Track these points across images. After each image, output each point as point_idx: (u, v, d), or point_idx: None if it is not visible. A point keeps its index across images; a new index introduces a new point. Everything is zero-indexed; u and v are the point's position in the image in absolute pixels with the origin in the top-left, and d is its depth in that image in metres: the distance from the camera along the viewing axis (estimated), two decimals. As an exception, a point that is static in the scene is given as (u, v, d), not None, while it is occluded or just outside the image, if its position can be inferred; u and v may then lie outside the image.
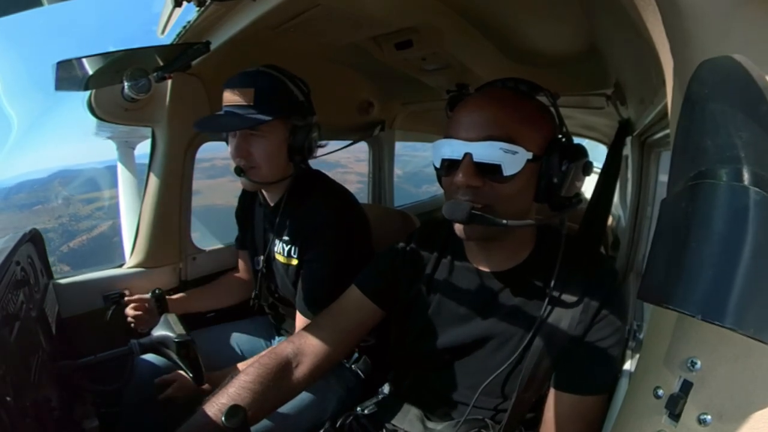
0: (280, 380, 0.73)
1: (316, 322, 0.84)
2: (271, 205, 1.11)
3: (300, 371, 0.76)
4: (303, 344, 0.78)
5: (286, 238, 1.08)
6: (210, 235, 1.45)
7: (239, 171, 0.99)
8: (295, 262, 1.07)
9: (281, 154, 1.01)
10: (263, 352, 0.76)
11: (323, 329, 0.81)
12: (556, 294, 0.68)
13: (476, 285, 0.75)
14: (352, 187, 1.15)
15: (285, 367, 0.75)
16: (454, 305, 0.77)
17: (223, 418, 0.60)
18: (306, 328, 0.82)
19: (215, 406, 0.65)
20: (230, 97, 0.95)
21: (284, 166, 1.04)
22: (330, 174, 1.16)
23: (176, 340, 0.86)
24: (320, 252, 1.01)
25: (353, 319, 0.82)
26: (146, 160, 1.31)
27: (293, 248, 1.07)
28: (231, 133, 1.00)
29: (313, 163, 1.13)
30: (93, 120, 1.19)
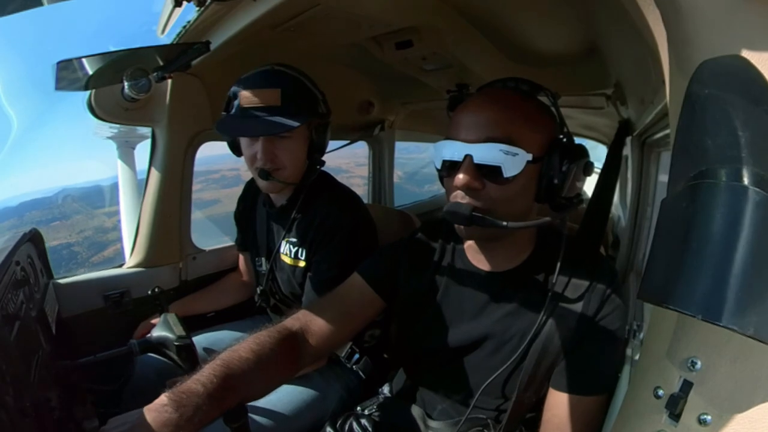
0: (285, 355, 0.71)
1: (320, 303, 0.83)
2: (277, 205, 1.11)
3: (305, 349, 0.75)
4: (308, 322, 0.77)
5: (293, 239, 1.08)
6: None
7: (265, 174, 0.97)
8: (302, 264, 1.06)
9: (303, 154, 1.01)
10: (269, 326, 0.73)
11: (327, 310, 0.80)
12: (556, 294, 0.68)
13: (476, 285, 0.75)
14: (357, 190, 1.14)
15: (291, 342, 0.73)
16: (454, 305, 0.77)
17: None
18: (310, 308, 0.81)
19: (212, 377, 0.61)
20: (252, 98, 0.92)
21: (304, 165, 1.04)
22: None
23: (176, 343, 0.86)
24: (329, 254, 1.01)
25: (356, 302, 0.82)
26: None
27: (301, 250, 1.06)
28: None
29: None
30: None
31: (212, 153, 1.36)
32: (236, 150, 1.05)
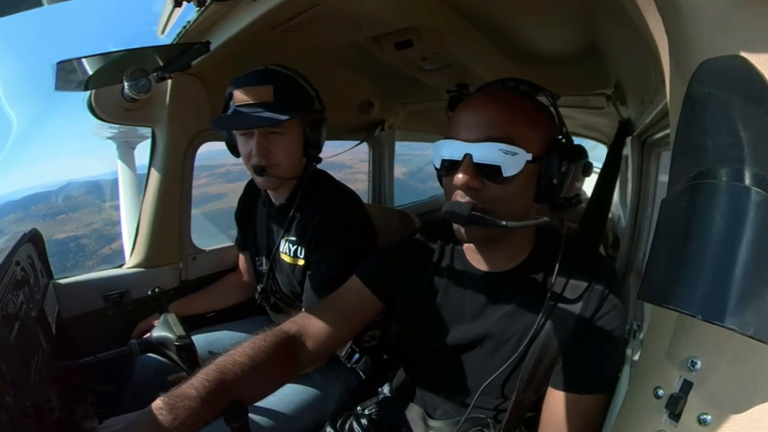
0: (282, 359, 0.71)
1: (318, 306, 0.84)
2: (277, 204, 1.11)
3: (303, 352, 0.75)
4: (306, 324, 0.77)
5: (292, 238, 1.08)
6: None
7: (261, 170, 0.98)
8: (301, 262, 1.07)
9: (299, 150, 1.02)
10: (267, 329, 0.74)
11: (325, 313, 0.80)
12: (555, 294, 0.68)
13: (476, 286, 0.75)
14: (362, 185, 1.14)
15: (288, 346, 0.73)
16: (454, 306, 0.77)
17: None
18: (309, 310, 0.81)
19: (209, 381, 0.61)
20: (245, 96, 0.94)
21: (300, 161, 1.05)
22: (340, 174, 1.16)
23: (176, 342, 0.86)
24: (328, 253, 1.01)
25: (354, 305, 0.82)
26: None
27: (300, 248, 1.07)
28: (246, 132, 0.99)
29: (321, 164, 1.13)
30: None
31: (216, 148, 1.36)
32: (234, 150, 1.06)
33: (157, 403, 0.57)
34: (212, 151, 1.41)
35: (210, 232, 1.56)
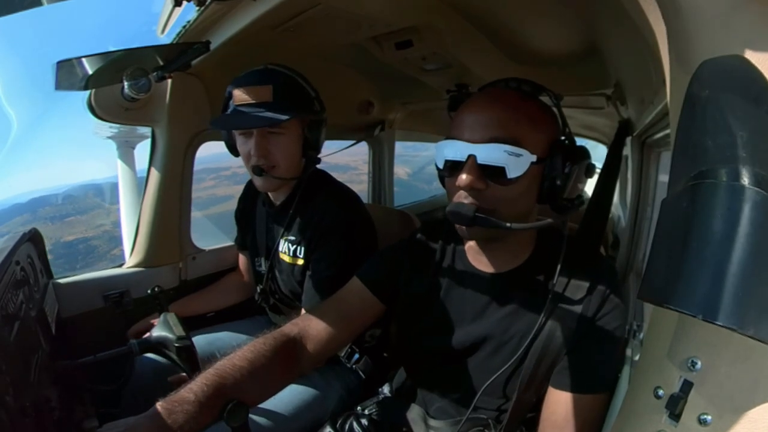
0: (282, 362, 0.71)
1: (319, 308, 0.84)
2: (276, 204, 1.11)
3: (303, 354, 0.75)
4: (307, 326, 0.77)
5: (291, 237, 1.08)
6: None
7: (260, 171, 0.98)
8: (301, 262, 1.07)
9: (298, 151, 1.02)
10: (267, 332, 0.73)
11: (325, 314, 0.79)
12: (556, 295, 0.68)
13: (477, 286, 0.75)
14: (365, 187, 1.14)
15: (288, 349, 0.73)
16: (455, 306, 0.77)
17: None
18: (309, 312, 0.82)
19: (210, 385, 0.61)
20: (245, 95, 0.94)
21: (299, 162, 1.04)
22: (345, 176, 1.16)
23: (176, 344, 0.86)
24: (328, 252, 1.01)
25: (355, 307, 0.82)
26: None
27: (299, 248, 1.07)
28: (245, 132, 0.98)
29: (327, 166, 1.13)
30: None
31: (222, 150, 1.37)
32: (233, 150, 1.06)
33: (156, 408, 0.57)
34: (218, 154, 1.41)
35: (218, 234, 1.57)
